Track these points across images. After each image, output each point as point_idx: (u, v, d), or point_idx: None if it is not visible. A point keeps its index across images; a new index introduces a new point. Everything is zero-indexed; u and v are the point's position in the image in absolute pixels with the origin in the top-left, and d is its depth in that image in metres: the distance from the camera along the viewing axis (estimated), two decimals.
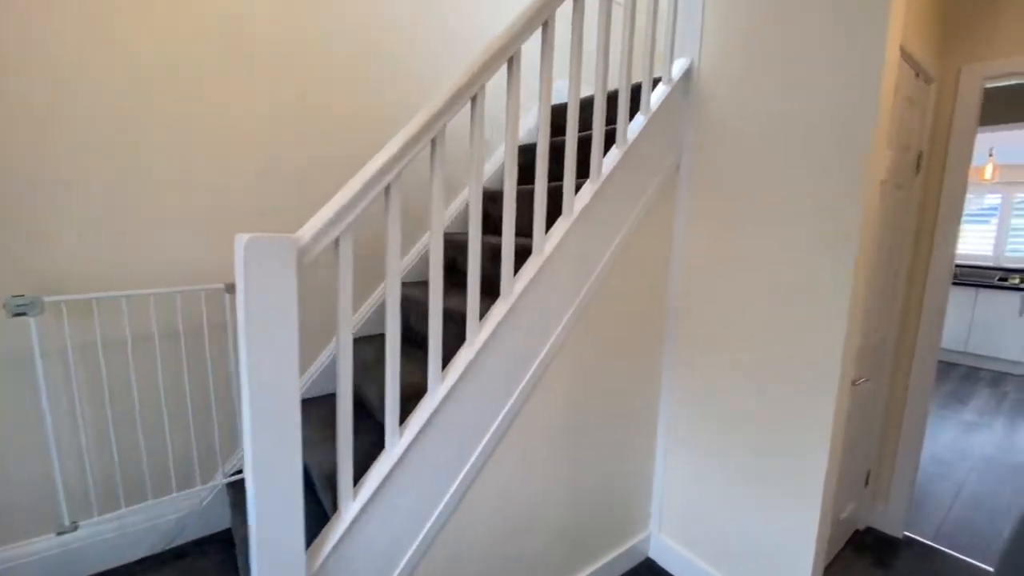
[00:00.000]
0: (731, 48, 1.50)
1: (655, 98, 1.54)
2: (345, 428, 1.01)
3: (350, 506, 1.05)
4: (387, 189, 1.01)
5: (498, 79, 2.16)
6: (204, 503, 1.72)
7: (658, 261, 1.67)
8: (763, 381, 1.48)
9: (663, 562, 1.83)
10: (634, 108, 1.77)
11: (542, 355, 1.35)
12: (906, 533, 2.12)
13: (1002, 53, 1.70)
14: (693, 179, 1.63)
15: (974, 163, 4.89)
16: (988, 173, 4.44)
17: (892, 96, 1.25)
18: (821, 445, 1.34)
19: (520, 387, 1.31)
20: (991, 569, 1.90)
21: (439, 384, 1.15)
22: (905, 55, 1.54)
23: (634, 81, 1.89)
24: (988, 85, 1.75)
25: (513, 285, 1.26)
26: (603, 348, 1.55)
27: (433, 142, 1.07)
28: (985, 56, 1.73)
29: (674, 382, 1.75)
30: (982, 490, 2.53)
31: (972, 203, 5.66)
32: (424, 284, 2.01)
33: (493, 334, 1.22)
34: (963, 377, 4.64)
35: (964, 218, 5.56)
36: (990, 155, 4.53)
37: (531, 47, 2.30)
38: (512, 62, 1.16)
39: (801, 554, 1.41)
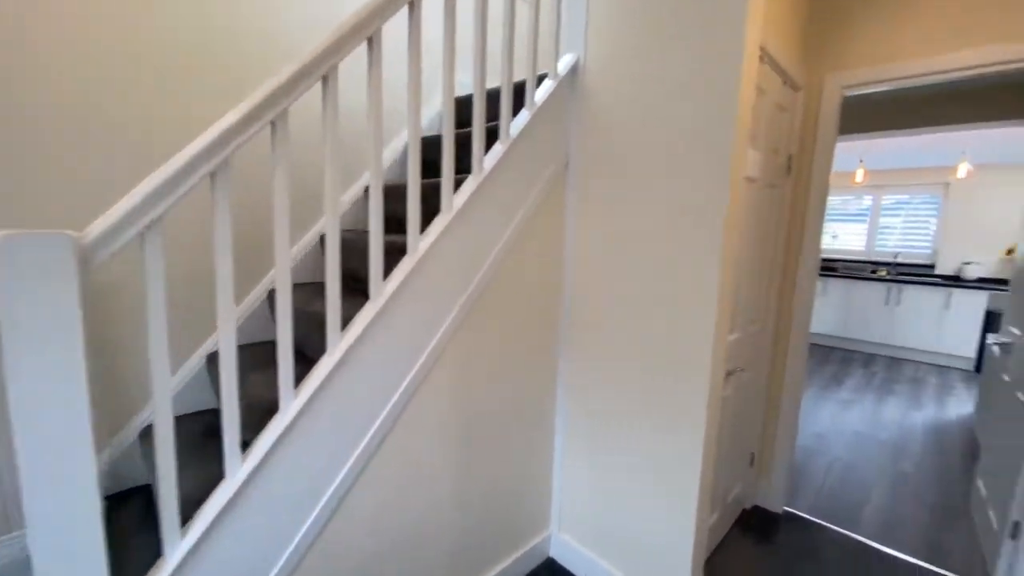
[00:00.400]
0: (615, 44, 1.49)
1: (540, 93, 1.51)
2: (167, 459, 0.86)
3: (176, 549, 0.90)
4: (212, 177, 0.87)
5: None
6: (27, 551, 1.45)
7: (551, 258, 1.65)
8: (646, 377, 1.50)
9: (564, 561, 1.83)
10: (522, 104, 1.73)
11: (423, 358, 1.27)
12: (786, 508, 2.29)
13: (857, 64, 1.86)
14: (581, 176, 1.62)
15: (849, 168, 5.48)
16: (859, 177, 4.98)
17: (753, 95, 1.30)
18: (696, 437, 1.38)
19: (398, 393, 1.22)
20: (856, 536, 2.10)
21: (292, 400, 1.03)
22: (773, 63, 1.63)
23: (523, 77, 1.85)
24: (847, 93, 1.90)
25: (383, 287, 1.16)
26: (495, 348, 1.50)
27: (273, 125, 0.94)
28: (843, 66, 1.89)
29: (569, 380, 1.74)
30: (852, 464, 2.80)
31: (851, 204, 6.35)
32: (309, 286, 1.85)
33: (360, 340, 1.12)
34: (841, 360, 5.18)
35: (844, 217, 6.34)
36: (860, 162, 5.07)
37: (431, 40, 2.20)
38: (372, 42, 1.06)
39: (684, 542, 1.45)
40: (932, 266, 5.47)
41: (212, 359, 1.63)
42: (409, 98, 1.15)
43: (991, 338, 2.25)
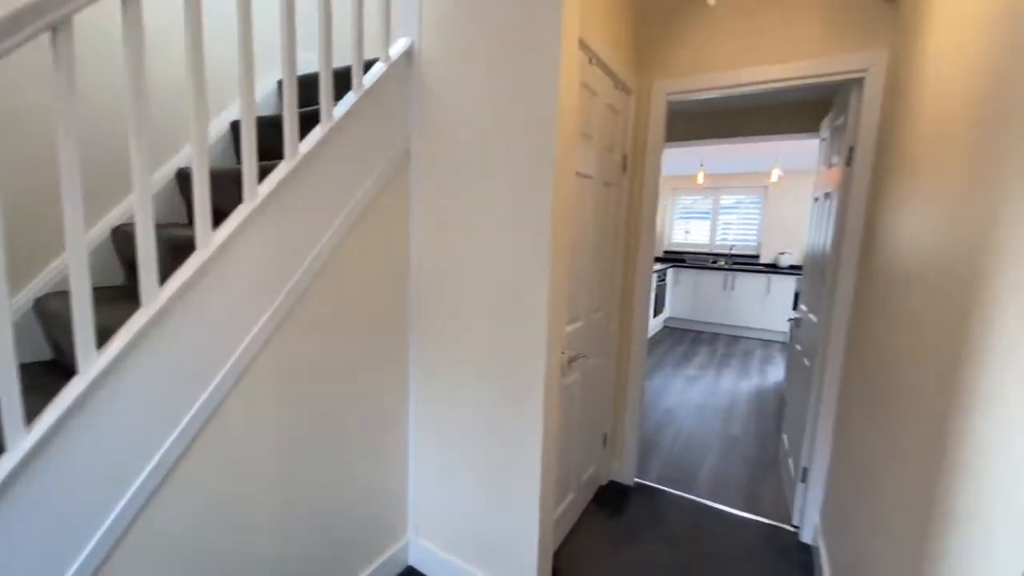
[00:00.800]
0: (447, 29, 1.45)
1: (370, 76, 1.41)
2: None
3: None
4: None
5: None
6: None
7: (396, 249, 1.57)
8: (490, 369, 1.49)
9: (423, 568, 1.76)
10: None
11: (228, 366, 1.10)
12: (637, 480, 2.49)
13: (677, 74, 2.06)
14: (423, 165, 1.56)
15: (690, 171, 6.20)
16: (700, 179, 5.66)
17: (576, 88, 1.35)
18: (535, 427, 1.41)
19: (192, 410, 1.04)
20: (693, 497, 2.36)
21: (23, 436, 0.81)
22: (603, 66, 1.72)
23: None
24: (670, 99, 2.09)
25: (160, 291, 0.98)
26: (333, 346, 1.38)
27: None
28: (667, 75, 2.08)
29: (421, 380, 1.67)
30: (694, 433, 3.16)
31: (699, 203, 7.23)
32: (104, 290, 1.53)
33: (131, 353, 0.93)
34: (692, 340, 5.87)
35: (694, 215, 7.22)
36: (701, 165, 5.77)
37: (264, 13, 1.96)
38: None
39: (531, 531, 1.47)
40: (758, 256, 6.45)
41: None
42: (188, 74, 0.98)
43: (790, 315, 2.67)
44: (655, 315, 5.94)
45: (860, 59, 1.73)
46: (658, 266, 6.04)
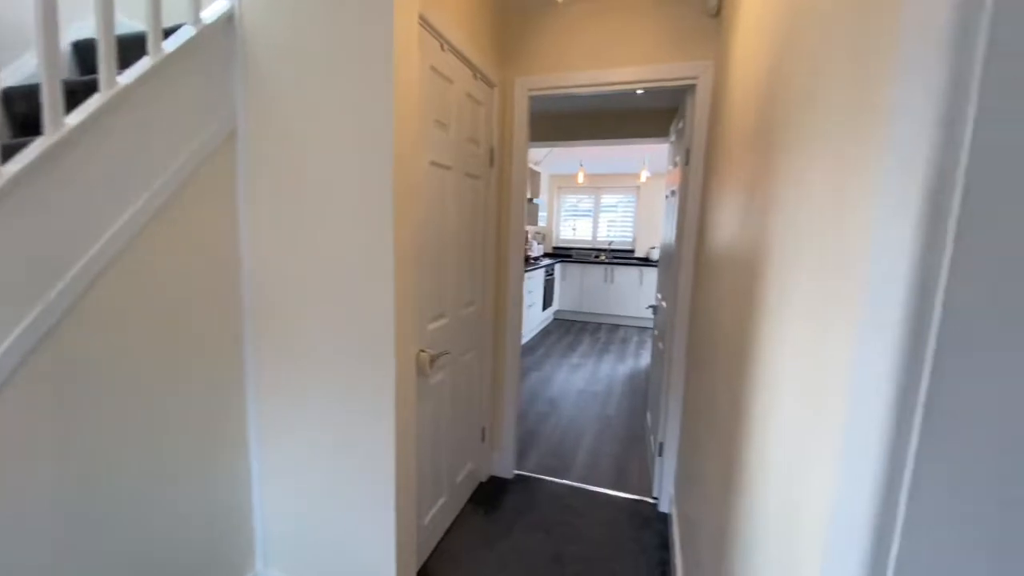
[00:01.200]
0: None
1: (173, 41, 1.20)
2: None
3: None
4: None
5: None
6: None
7: (223, 243, 1.37)
8: (339, 379, 1.37)
9: None
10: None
11: None
12: (517, 472, 2.52)
13: (538, 72, 2.09)
14: (250, 148, 1.38)
15: (574, 171, 6.50)
16: (580, 179, 5.97)
17: (415, 70, 1.29)
18: (388, 434, 1.32)
19: None
20: (569, 482, 2.44)
21: None
22: (458, 53, 1.67)
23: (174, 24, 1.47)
24: (531, 95, 2.12)
25: None
26: (130, 357, 1.15)
27: None
28: (528, 72, 2.10)
29: (261, 391, 1.49)
30: (573, 419, 3.29)
31: (583, 202, 7.62)
32: None
33: None
34: (578, 331, 6.18)
35: (579, 213, 7.61)
36: (581, 165, 6.08)
37: None
38: None
39: (389, 546, 1.39)
40: (633, 251, 6.99)
41: None
42: None
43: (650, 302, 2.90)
44: (544, 308, 6.13)
45: (693, 67, 1.90)
46: (547, 261, 6.25)
